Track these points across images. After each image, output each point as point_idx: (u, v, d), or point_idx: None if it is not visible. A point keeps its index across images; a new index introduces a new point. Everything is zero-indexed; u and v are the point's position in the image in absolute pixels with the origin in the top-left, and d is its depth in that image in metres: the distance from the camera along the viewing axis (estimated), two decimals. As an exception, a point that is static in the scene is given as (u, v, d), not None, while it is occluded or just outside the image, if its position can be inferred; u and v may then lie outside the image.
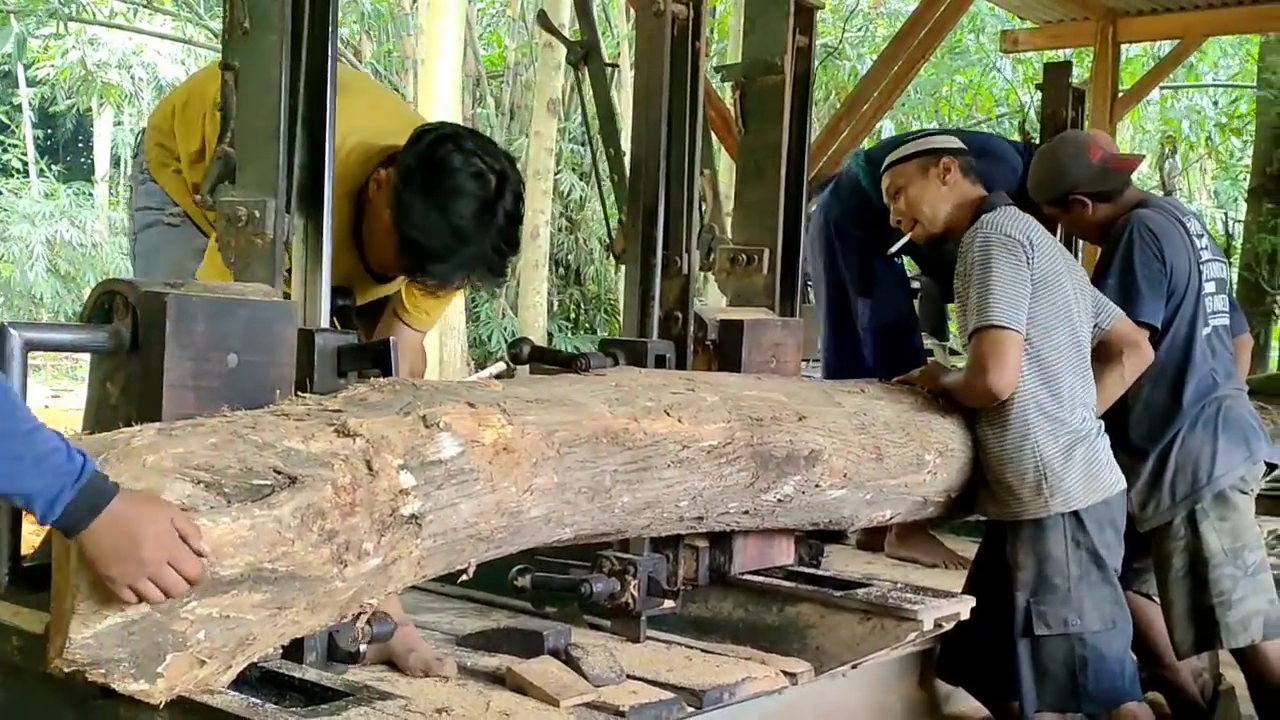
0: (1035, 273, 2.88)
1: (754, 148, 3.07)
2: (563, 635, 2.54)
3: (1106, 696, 2.86)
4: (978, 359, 2.87)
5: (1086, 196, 3.44)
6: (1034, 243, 2.91)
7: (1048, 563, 2.85)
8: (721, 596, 2.83)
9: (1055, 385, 2.89)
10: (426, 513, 1.85)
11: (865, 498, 2.71)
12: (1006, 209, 3.02)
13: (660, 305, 2.73)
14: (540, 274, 13.46)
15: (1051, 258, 2.95)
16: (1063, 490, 2.85)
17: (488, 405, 2.00)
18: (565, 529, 2.11)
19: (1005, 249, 2.88)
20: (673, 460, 2.22)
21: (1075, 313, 2.97)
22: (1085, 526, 2.86)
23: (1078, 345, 2.97)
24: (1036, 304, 2.89)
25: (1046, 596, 2.84)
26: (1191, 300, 3.34)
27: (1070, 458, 2.86)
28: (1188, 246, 3.37)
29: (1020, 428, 2.88)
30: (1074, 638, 2.84)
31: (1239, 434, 3.31)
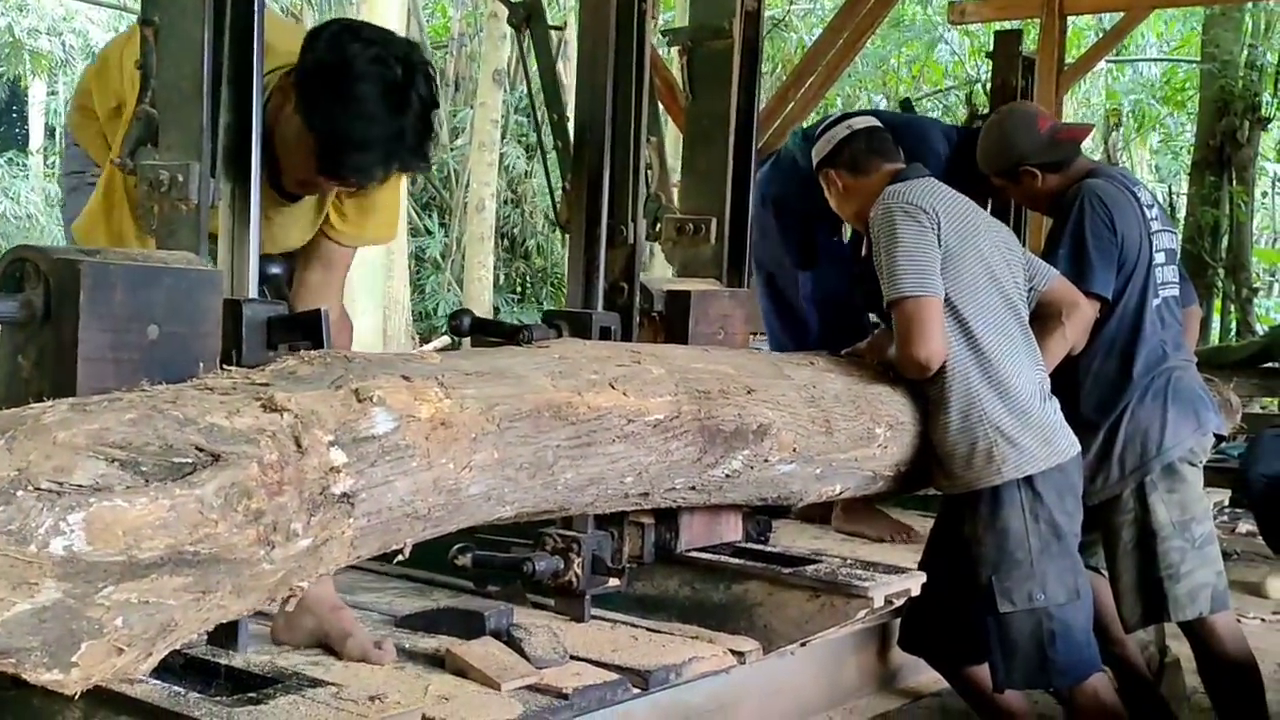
0: (944, 239, 2.82)
1: (701, 114, 3.00)
2: (504, 615, 2.48)
3: (1076, 670, 2.82)
4: (900, 333, 2.83)
5: (1036, 168, 3.40)
6: (940, 210, 2.84)
7: (1008, 537, 2.79)
8: (668, 574, 2.78)
9: (990, 350, 2.83)
10: (359, 491, 1.77)
11: (815, 472, 2.66)
12: (913, 181, 2.94)
13: (605, 276, 2.66)
14: (486, 247, 13.34)
15: (964, 223, 2.88)
16: (1015, 455, 2.79)
17: (424, 379, 1.91)
18: (506, 507, 2.04)
19: (907, 216, 2.82)
20: (618, 435, 2.15)
21: (1001, 276, 2.90)
22: (1042, 497, 2.80)
23: (1011, 308, 2.90)
24: (952, 271, 2.83)
25: (1010, 572, 2.79)
26: (1142, 271, 3.30)
27: (1020, 421, 2.81)
28: (1138, 216, 3.33)
29: (963, 396, 2.82)
30: (1040, 612, 2.78)
31: (1188, 406, 3.28)
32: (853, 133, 3.10)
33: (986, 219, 3.06)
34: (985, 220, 3.03)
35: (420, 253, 15.90)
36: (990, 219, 3.09)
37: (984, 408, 2.81)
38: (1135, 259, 3.30)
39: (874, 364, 2.95)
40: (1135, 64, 15.07)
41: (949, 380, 2.84)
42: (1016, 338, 2.89)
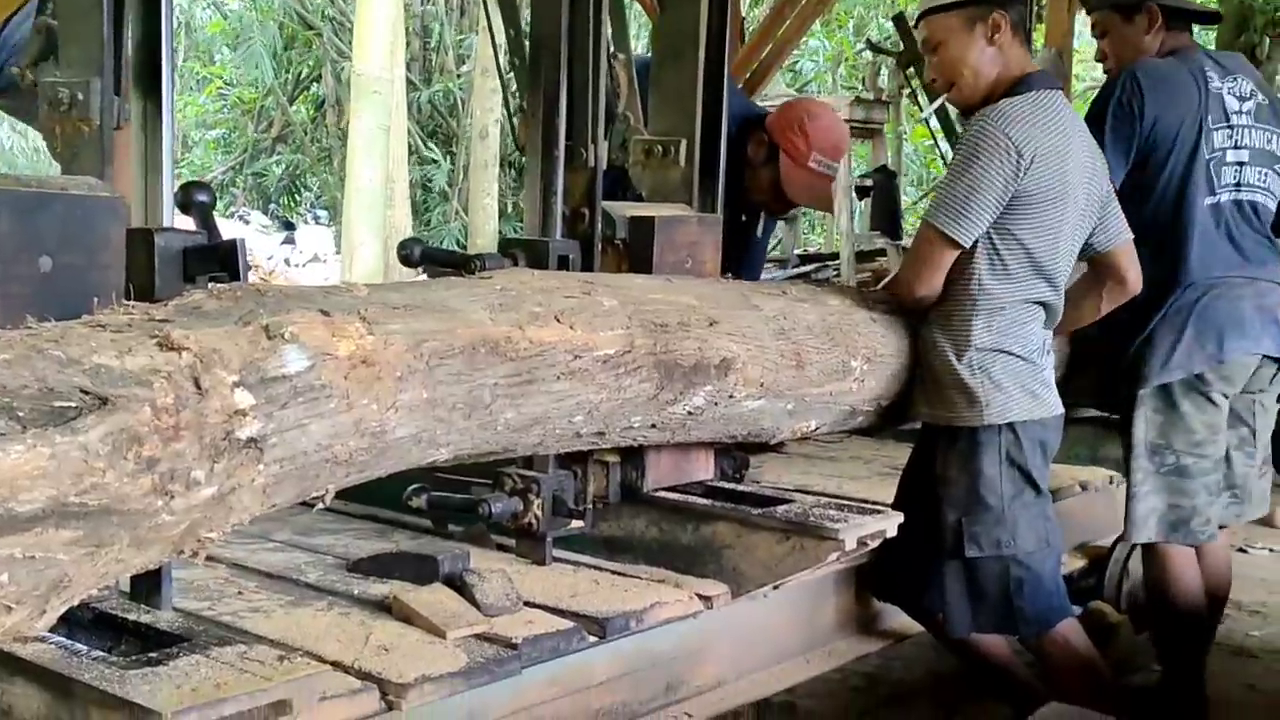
0: (1026, 186, 2.62)
1: (671, 30, 2.83)
2: (459, 560, 2.37)
3: (1043, 618, 2.75)
4: (912, 253, 2.77)
5: (1161, 9, 3.19)
6: (1039, 153, 2.61)
7: (980, 480, 2.69)
8: (634, 514, 2.66)
9: (1010, 297, 2.71)
10: (269, 435, 1.64)
11: (786, 408, 2.52)
12: (1037, 96, 2.68)
13: (565, 201, 2.51)
14: (490, 174, 13.16)
15: (1057, 171, 2.65)
16: (1001, 400, 2.69)
17: (345, 313, 1.78)
18: (440, 449, 1.91)
19: (996, 152, 2.60)
20: (563, 372, 2.01)
21: (1066, 234, 2.72)
22: (1021, 445, 2.70)
23: (1055, 262, 2.73)
24: (1015, 212, 2.65)
25: (980, 516, 2.70)
26: (1182, 161, 3.09)
27: (1011, 371, 2.71)
28: (1195, 103, 3.08)
29: (963, 333, 2.71)
30: (1008, 559, 2.70)
31: (1210, 328, 3.09)
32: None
33: (1091, 156, 2.78)
34: (1087, 159, 2.75)
35: (426, 181, 15.72)
36: (1095, 154, 2.80)
37: (980, 350, 2.70)
38: (1171, 147, 3.08)
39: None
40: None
41: (955, 314, 2.72)
42: (1043, 290, 2.74)
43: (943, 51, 2.79)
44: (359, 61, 10.09)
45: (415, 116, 15.45)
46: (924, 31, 2.85)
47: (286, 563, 2.52)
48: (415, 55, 16.00)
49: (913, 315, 2.82)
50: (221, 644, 1.69)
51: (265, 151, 18.15)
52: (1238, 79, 3.17)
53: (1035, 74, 2.77)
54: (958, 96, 2.83)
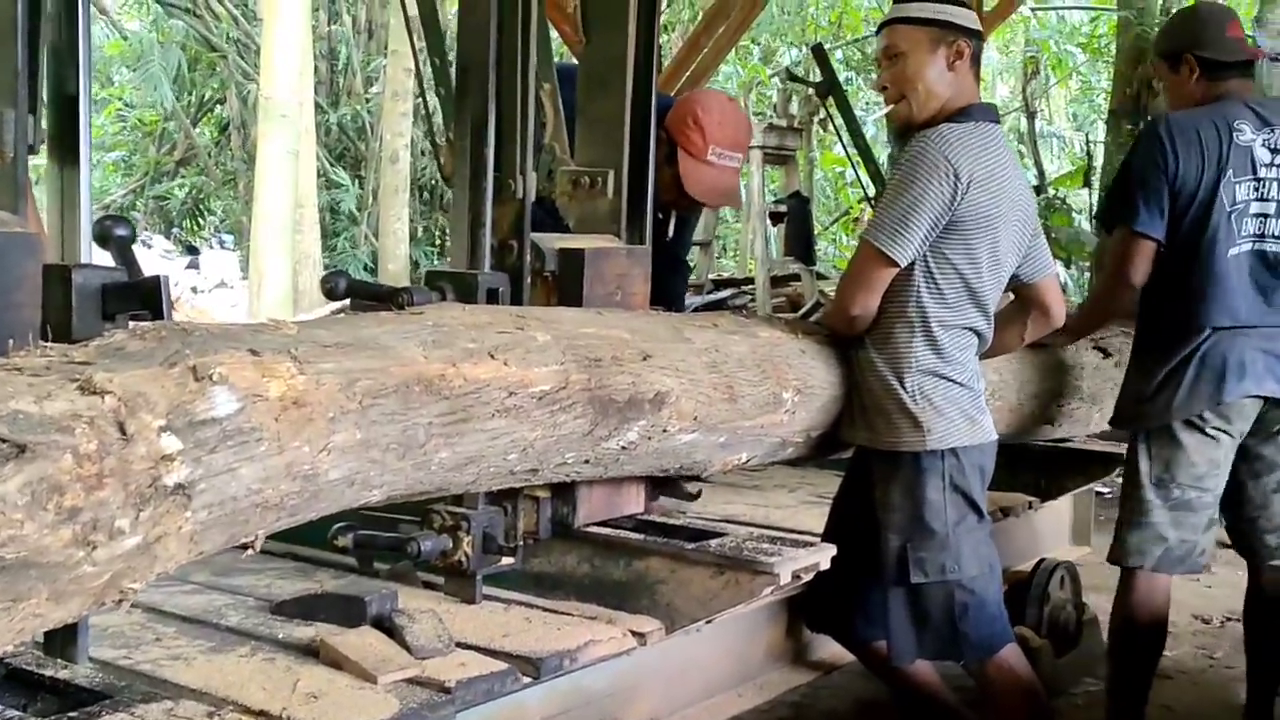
0: (962, 211, 2.64)
1: (597, 59, 2.80)
2: (388, 601, 2.31)
3: (986, 643, 2.75)
4: (851, 272, 2.75)
5: (1196, 61, 3.23)
6: (976, 178, 2.64)
7: (925, 507, 2.69)
8: (565, 550, 2.62)
9: (950, 321, 2.72)
10: (197, 481, 1.57)
11: (719, 441, 2.50)
12: (977, 125, 2.72)
13: (493, 233, 2.46)
14: (401, 199, 13.05)
15: (992, 198, 2.68)
16: (942, 425, 2.70)
17: (275, 353, 1.72)
18: (373, 490, 1.85)
19: (936, 174, 2.61)
20: (498, 409, 1.97)
21: (999, 263, 2.75)
22: (964, 470, 2.71)
23: (991, 286, 2.76)
24: (952, 241, 2.67)
25: (924, 542, 2.69)
26: (1202, 212, 3.13)
27: (952, 399, 2.72)
28: (1218, 155, 3.12)
29: (908, 358, 2.71)
30: (953, 584, 2.70)
31: (1211, 372, 3.14)
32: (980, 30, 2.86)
33: (1023, 188, 2.84)
34: (1020, 190, 2.80)
35: (334, 206, 15.52)
36: (1026, 188, 2.88)
37: (921, 375, 2.70)
38: (1192, 198, 3.13)
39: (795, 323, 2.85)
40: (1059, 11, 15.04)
41: (899, 342, 2.72)
42: (976, 318, 2.76)
43: (902, 62, 2.79)
44: (267, 85, 9.95)
45: (323, 140, 15.25)
46: (887, 39, 2.84)
47: (206, 606, 2.44)
48: (323, 78, 15.82)
49: (847, 341, 2.82)
50: (146, 700, 1.62)
51: (167, 175, 17.79)
52: (1275, 130, 3.19)
53: (978, 105, 2.81)
54: (905, 110, 2.81)
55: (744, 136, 3.60)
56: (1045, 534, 4.33)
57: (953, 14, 2.79)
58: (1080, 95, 17.10)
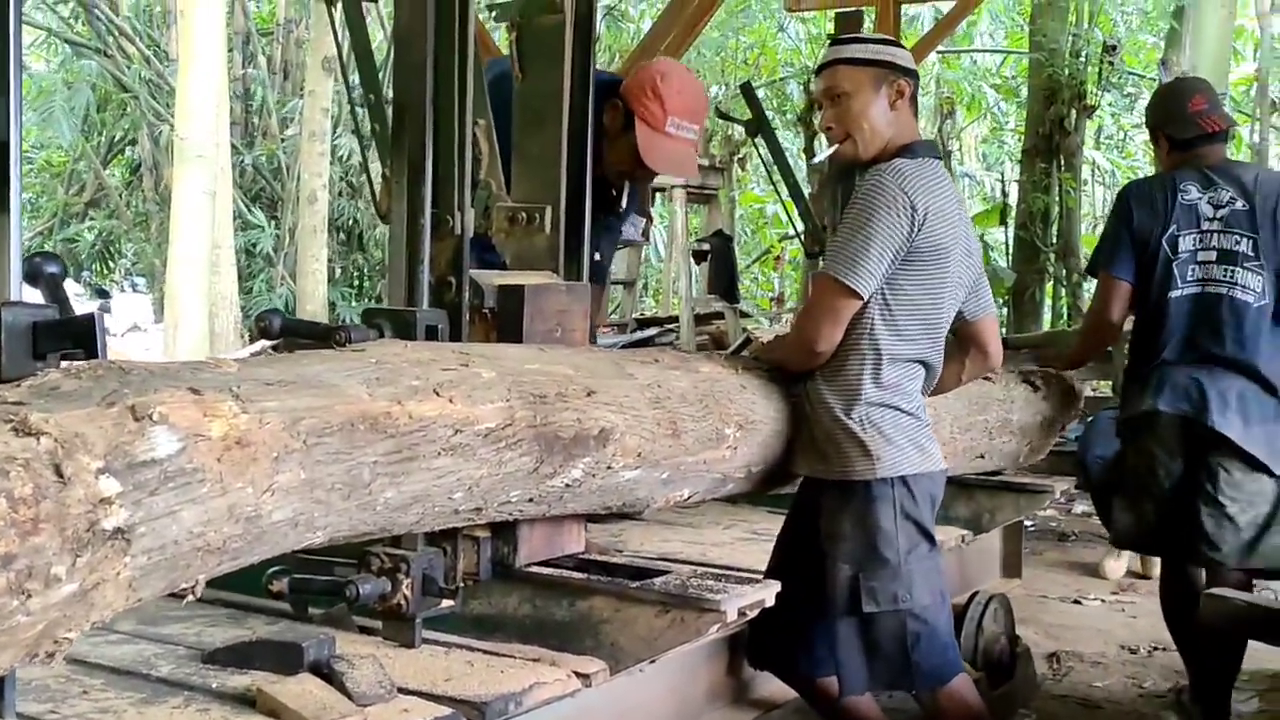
0: (918, 242, 2.68)
1: (532, 95, 2.80)
2: (325, 646, 2.25)
3: (938, 672, 2.74)
4: (814, 307, 2.77)
5: (1165, 136, 3.78)
6: (932, 209, 2.68)
7: (878, 535, 2.68)
8: (506, 591, 2.58)
9: (902, 356, 2.74)
10: (136, 525, 1.52)
11: (661, 477, 2.48)
12: (925, 161, 2.78)
13: (430, 270, 2.43)
14: (319, 240, 12.86)
15: (945, 231, 2.72)
16: (891, 453, 2.70)
17: (217, 391, 1.67)
18: (317, 532, 1.81)
19: (894, 207, 2.65)
20: (444, 447, 1.94)
21: (948, 296, 2.79)
22: (914, 498, 2.71)
23: (939, 326, 2.81)
24: (909, 272, 2.70)
25: (876, 571, 2.68)
26: (1156, 261, 3.63)
27: (901, 428, 2.73)
28: (1164, 214, 3.62)
29: (858, 389, 2.71)
30: (905, 613, 2.69)
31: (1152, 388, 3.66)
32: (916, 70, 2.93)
33: (968, 223, 2.89)
34: (965, 224, 2.85)
35: (250, 247, 15.29)
36: (970, 223, 2.93)
37: (869, 405, 2.71)
38: (1147, 249, 3.66)
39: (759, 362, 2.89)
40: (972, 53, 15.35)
41: (850, 371, 2.73)
42: (926, 349, 2.80)
43: (846, 102, 2.82)
44: (182, 126, 9.79)
45: (238, 181, 15.05)
46: (829, 81, 2.86)
47: (135, 656, 2.36)
48: (237, 119, 15.62)
49: (794, 375, 2.82)
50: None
51: (76, 217, 17.42)
52: (1219, 190, 3.66)
53: (920, 142, 2.86)
54: (851, 149, 2.85)
55: (701, 107, 3.53)
56: (978, 567, 4.37)
57: (893, 54, 2.85)
58: (990, 136, 17.43)
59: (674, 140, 3.34)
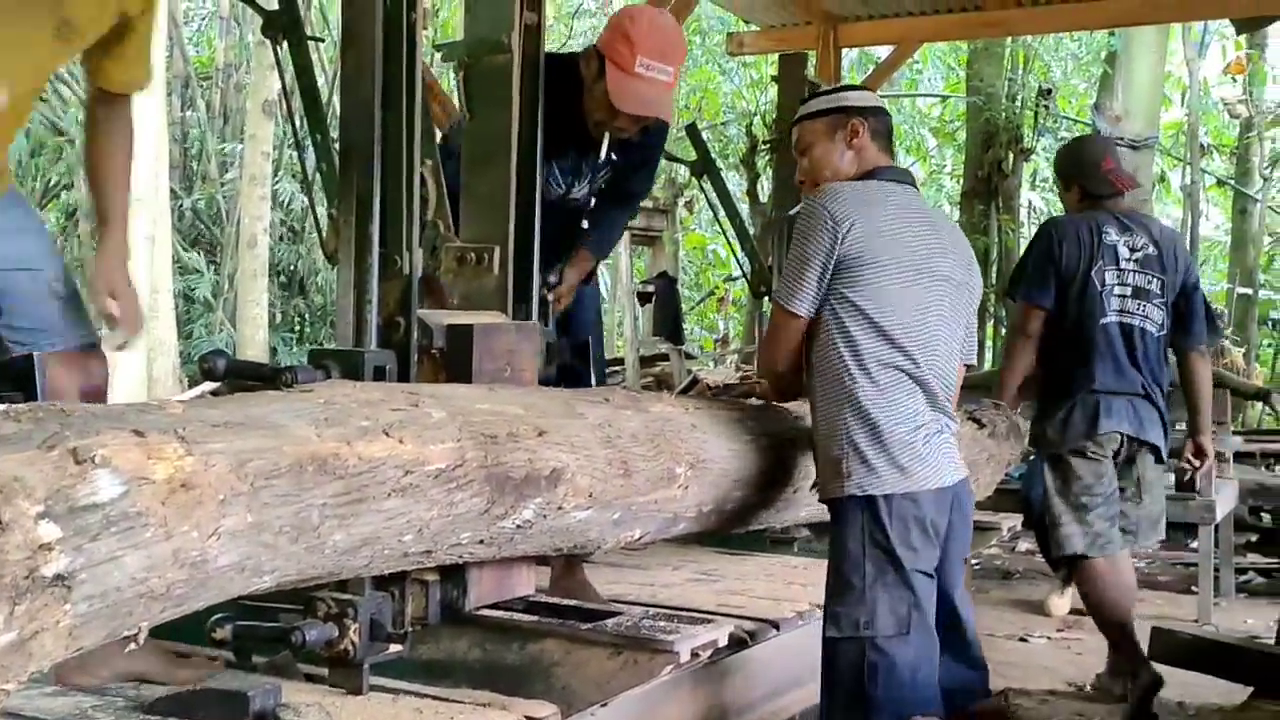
0: (847, 250, 2.71)
1: (481, 135, 2.79)
2: (271, 694, 2.22)
3: (893, 708, 2.64)
4: (767, 332, 2.99)
5: (1079, 187, 4.33)
6: (860, 218, 2.72)
7: (845, 559, 2.68)
8: (456, 635, 2.54)
9: (870, 363, 2.72)
10: (77, 571, 1.47)
11: (613, 518, 2.46)
12: (868, 183, 2.85)
13: (379, 310, 2.41)
14: (259, 284, 12.73)
15: (879, 244, 2.73)
16: (862, 472, 2.68)
17: (161, 433, 1.63)
18: (264, 577, 1.77)
19: (815, 225, 2.74)
20: (394, 489, 1.90)
21: (910, 303, 2.76)
22: (882, 523, 2.66)
23: (908, 333, 2.75)
24: (848, 280, 2.73)
25: (842, 596, 2.67)
26: (1081, 292, 4.16)
27: (878, 442, 2.68)
28: (1091, 250, 4.16)
29: (832, 404, 2.74)
30: (865, 641, 2.64)
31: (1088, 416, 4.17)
32: (880, 106, 3.04)
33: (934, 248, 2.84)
34: (923, 246, 2.82)
35: (189, 292, 15.11)
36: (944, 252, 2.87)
37: (846, 418, 2.71)
38: (1073, 281, 4.17)
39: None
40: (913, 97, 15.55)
41: (823, 387, 2.77)
42: (901, 359, 2.74)
43: (810, 154, 2.98)
44: (120, 169, 9.68)
45: (177, 225, 14.89)
46: (796, 139, 3.04)
47: (71, 708, 2.30)
48: (176, 163, 15.48)
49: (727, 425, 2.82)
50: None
51: (11, 262, 17.15)
52: (1134, 234, 4.27)
53: (884, 168, 2.92)
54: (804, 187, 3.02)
55: (674, 49, 3.42)
56: (925, 605, 4.36)
57: (845, 98, 3.01)
58: (929, 179, 17.68)
59: (644, 81, 3.27)
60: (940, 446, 2.76)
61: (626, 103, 3.27)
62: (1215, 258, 17.31)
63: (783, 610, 3.16)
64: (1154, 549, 7.39)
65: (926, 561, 2.71)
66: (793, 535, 4.13)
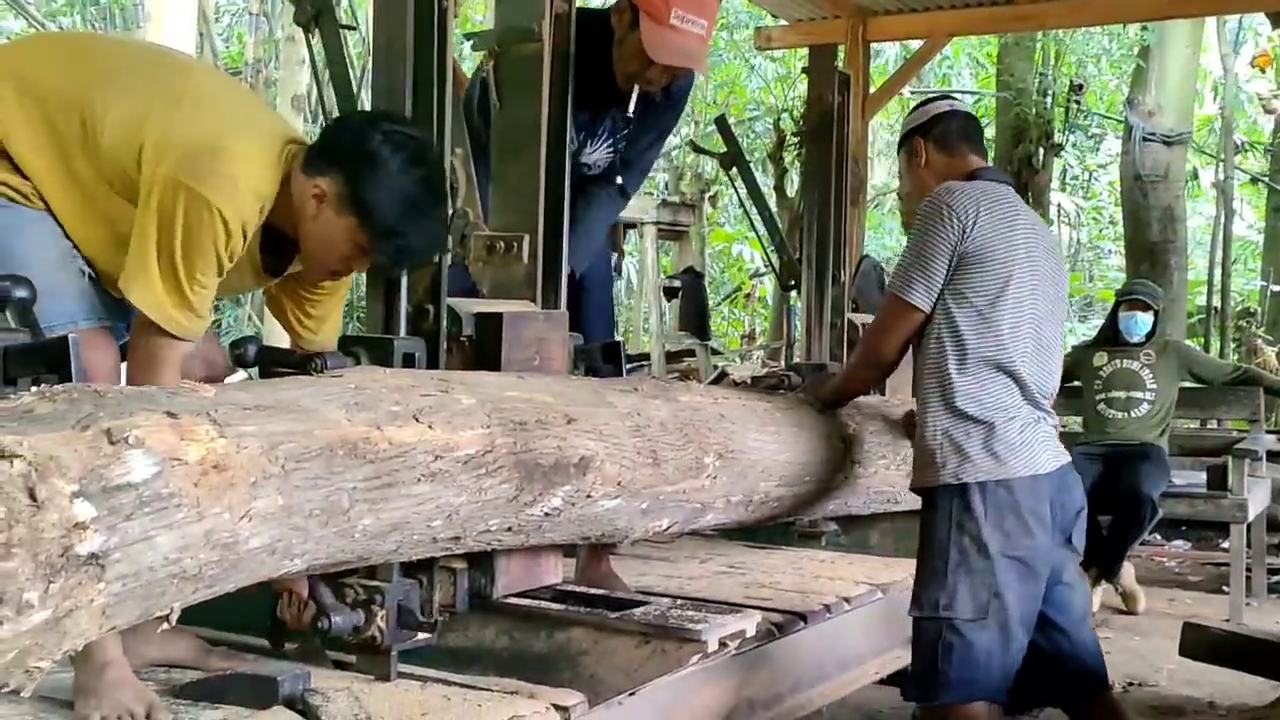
0: (969, 247, 2.80)
1: (511, 124, 2.79)
2: (300, 680, 2.22)
3: (964, 689, 2.71)
4: (876, 320, 3.07)
5: None
6: (980, 213, 2.82)
7: (931, 543, 2.76)
8: (483, 623, 2.55)
9: (972, 359, 2.79)
10: (111, 550, 1.48)
11: (641, 507, 2.46)
12: (978, 183, 2.92)
13: (408, 298, 2.41)
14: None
15: (999, 241, 2.82)
16: (955, 461, 2.75)
17: (194, 415, 1.64)
18: (295, 560, 1.77)
19: (938, 220, 2.83)
20: (423, 474, 1.91)
21: (1022, 301, 2.83)
22: (973, 509, 2.71)
23: (1016, 330, 2.82)
24: (967, 276, 2.81)
25: (926, 579, 2.75)
26: None
27: (971, 433, 2.75)
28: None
29: (930, 395, 2.83)
30: (943, 622, 2.71)
31: None
32: (952, 111, 3.11)
33: (1041, 250, 2.93)
34: (1035, 248, 2.90)
35: (218, 285, 15.20)
36: (1045, 254, 2.95)
37: (941, 410, 2.79)
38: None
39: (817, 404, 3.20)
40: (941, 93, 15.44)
41: (929, 378, 2.84)
42: (1003, 355, 2.80)
43: (905, 181, 3.20)
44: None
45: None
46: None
47: (102, 692, 2.30)
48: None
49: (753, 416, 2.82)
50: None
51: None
52: None
53: (982, 169, 3.02)
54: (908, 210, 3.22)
55: (707, 2, 3.36)
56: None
57: (907, 124, 3.18)
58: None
59: (679, 33, 3.22)
60: (1036, 436, 2.81)
61: (662, 53, 3.23)
62: (1248, 256, 17.15)
63: (810, 603, 3.16)
64: (1185, 548, 7.38)
65: (1021, 548, 2.73)
66: (821, 529, 4.11)
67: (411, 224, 2.25)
